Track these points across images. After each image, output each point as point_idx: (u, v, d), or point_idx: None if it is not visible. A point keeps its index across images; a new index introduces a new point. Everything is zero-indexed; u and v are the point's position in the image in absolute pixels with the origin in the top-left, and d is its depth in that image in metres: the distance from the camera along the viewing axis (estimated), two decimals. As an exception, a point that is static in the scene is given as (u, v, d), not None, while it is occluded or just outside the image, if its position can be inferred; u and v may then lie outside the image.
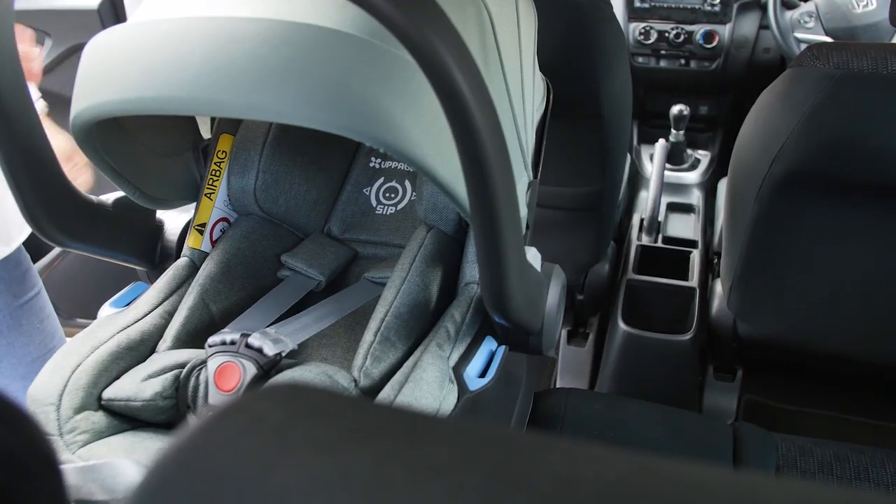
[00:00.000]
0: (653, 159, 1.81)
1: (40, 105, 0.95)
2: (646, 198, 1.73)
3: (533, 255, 0.66)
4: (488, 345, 0.68)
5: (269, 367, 0.61)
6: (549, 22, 0.86)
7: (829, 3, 1.58)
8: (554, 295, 0.70)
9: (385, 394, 0.56)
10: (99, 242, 0.74)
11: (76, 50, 1.39)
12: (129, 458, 0.58)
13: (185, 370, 0.63)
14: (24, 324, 1.00)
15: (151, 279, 0.82)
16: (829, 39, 1.58)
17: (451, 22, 0.44)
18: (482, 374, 0.64)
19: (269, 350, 0.61)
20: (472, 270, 0.72)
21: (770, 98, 0.98)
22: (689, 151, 1.83)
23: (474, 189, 0.48)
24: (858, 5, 1.55)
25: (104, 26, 1.35)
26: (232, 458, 0.16)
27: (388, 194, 0.87)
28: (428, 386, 0.57)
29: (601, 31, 1.08)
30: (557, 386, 1.52)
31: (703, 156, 1.85)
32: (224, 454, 0.17)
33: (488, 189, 0.47)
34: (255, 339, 0.62)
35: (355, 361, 0.63)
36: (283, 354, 0.62)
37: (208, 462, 0.16)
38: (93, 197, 0.73)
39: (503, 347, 0.67)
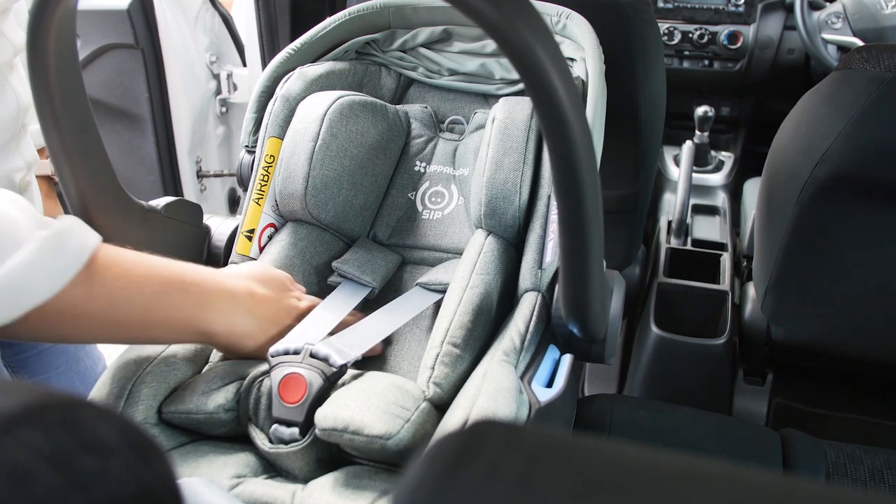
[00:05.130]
0: (677, 161, 1.80)
1: None
2: (670, 200, 1.72)
3: None
4: (552, 354, 0.67)
5: (334, 379, 0.60)
6: (589, 23, 0.85)
7: (857, 3, 1.57)
8: (617, 302, 0.68)
9: (460, 406, 0.55)
10: (147, 248, 0.72)
11: (105, 50, 1.37)
12: (196, 474, 0.56)
13: (245, 381, 0.61)
14: None
15: (197, 286, 0.80)
16: (856, 40, 1.57)
17: (543, 20, 0.42)
18: (548, 384, 0.63)
19: (336, 360, 0.59)
20: (531, 276, 0.70)
21: (814, 100, 0.97)
22: (713, 153, 1.81)
23: (564, 193, 0.46)
24: (887, 5, 1.54)
25: (133, 27, 1.33)
26: None
27: (433, 199, 0.86)
28: (503, 398, 0.55)
29: (642, 33, 1.06)
30: (585, 390, 1.50)
31: (727, 157, 1.83)
32: None
33: (579, 193, 0.46)
34: (319, 349, 0.60)
35: (422, 372, 0.62)
36: (349, 365, 0.61)
37: None
38: (143, 202, 0.71)
39: (568, 356, 0.66)
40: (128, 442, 0.25)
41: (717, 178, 1.79)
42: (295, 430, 0.57)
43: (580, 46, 0.83)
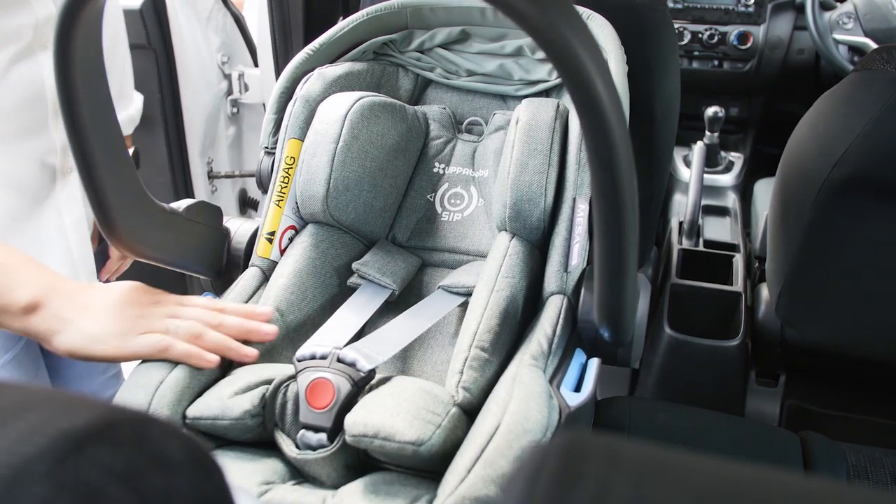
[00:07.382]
0: (687, 162, 1.79)
1: None
2: (680, 201, 1.71)
3: None
4: (578, 357, 0.66)
5: (362, 384, 0.59)
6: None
7: (869, 3, 1.56)
8: (643, 304, 0.68)
9: (491, 411, 0.54)
10: (169, 250, 0.72)
11: (117, 51, 1.36)
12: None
13: (271, 386, 0.61)
14: None
15: (216, 289, 0.80)
16: (868, 41, 1.56)
17: (585, 22, 0.42)
18: (576, 388, 0.63)
19: (364, 365, 0.59)
20: (557, 279, 0.70)
21: (832, 102, 0.96)
22: (723, 154, 1.81)
23: (604, 197, 0.46)
24: (899, 6, 1.53)
25: (146, 27, 1.32)
26: None
27: (453, 200, 0.85)
28: (535, 403, 0.55)
29: (658, 34, 1.06)
30: (598, 393, 1.50)
31: (736, 158, 1.83)
32: None
33: (619, 196, 0.46)
34: (346, 354, 0.60)
35: (450, 377, 0.61)
36: (377, 370, 0.60)
37: None
38: (164, 204, 0.71)
39: (596, 360, 0.65)
40: (192, 457, 0.24)
41: (726, 179, 1.78)
42: (323, 436, 0.57)
43: (602, 48, 0.82)
